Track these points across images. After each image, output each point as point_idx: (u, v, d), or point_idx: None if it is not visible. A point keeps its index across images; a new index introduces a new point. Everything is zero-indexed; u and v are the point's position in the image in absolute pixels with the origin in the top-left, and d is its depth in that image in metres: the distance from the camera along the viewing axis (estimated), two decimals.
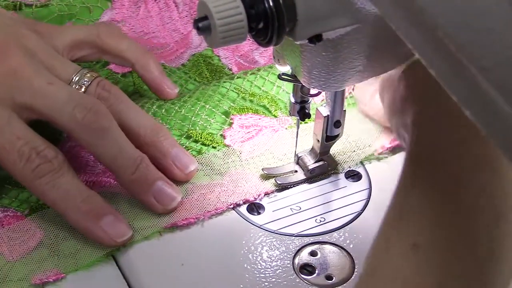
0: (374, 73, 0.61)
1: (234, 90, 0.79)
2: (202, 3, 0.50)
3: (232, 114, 0.77)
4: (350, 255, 0.65)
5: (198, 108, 0.77)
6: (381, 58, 0.59)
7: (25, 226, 0.67)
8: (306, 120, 0.70)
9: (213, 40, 0.50)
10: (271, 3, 0.49)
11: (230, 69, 0.84)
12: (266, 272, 0.63)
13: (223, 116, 0.77)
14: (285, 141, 0.75)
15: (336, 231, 0.67)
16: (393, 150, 0.75)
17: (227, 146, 0.74)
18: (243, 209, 0.69)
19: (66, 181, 0.65)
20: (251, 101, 0.79)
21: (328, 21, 0.52)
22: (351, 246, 0.66)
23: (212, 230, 0.67)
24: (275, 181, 0.71)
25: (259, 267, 0.64)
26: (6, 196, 0.70)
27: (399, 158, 0.74)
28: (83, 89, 0.69)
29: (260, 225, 0.67)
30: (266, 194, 0.70)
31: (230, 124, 0.76)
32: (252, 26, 0.50)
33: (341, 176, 0.72)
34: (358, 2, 0.51)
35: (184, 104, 0.77)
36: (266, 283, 0.62)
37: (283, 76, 0.64)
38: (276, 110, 0.78)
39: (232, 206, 0.69)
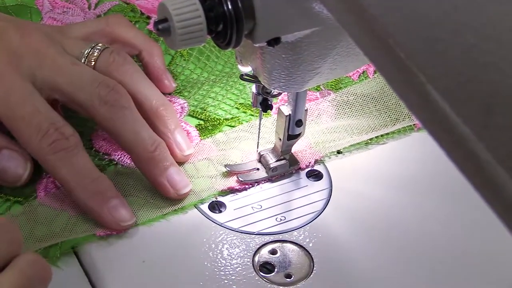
0: (335, 75, 0.62)
1: None
2: (162, 6, 0.51)
3: None
4: (309, 253, 0.66)
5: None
6: (341, 61, 0.59)
7: None
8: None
9: (173, 41, 0.51)
10: (230, 7, 0.50)
11: None
12: (226, 270, 0.64)
13: None
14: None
15: (296, 230, 0.68)
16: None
17: None
18: (204, 207, 0.69)
19: (78, 160, 0.66)
20: None
21: (287, 25, 0.53)
22: (310, 245, 0.67)
23: (173, 227, 0.68)
24: (238, 178, 0.72)
25: (219, 264, 0.64)
26: None
27: (360, 159, 0.75)
28: (95, 55, 0.71)
29: (221, 223, 0.68)
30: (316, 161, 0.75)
31: None
32: (212, 28, 0.51)
33: (302, 175, 0.73)
34: (316, 6, 0.52)
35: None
36: (226, 281, 0.63)
37: (245, 77, 0.64)
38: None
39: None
